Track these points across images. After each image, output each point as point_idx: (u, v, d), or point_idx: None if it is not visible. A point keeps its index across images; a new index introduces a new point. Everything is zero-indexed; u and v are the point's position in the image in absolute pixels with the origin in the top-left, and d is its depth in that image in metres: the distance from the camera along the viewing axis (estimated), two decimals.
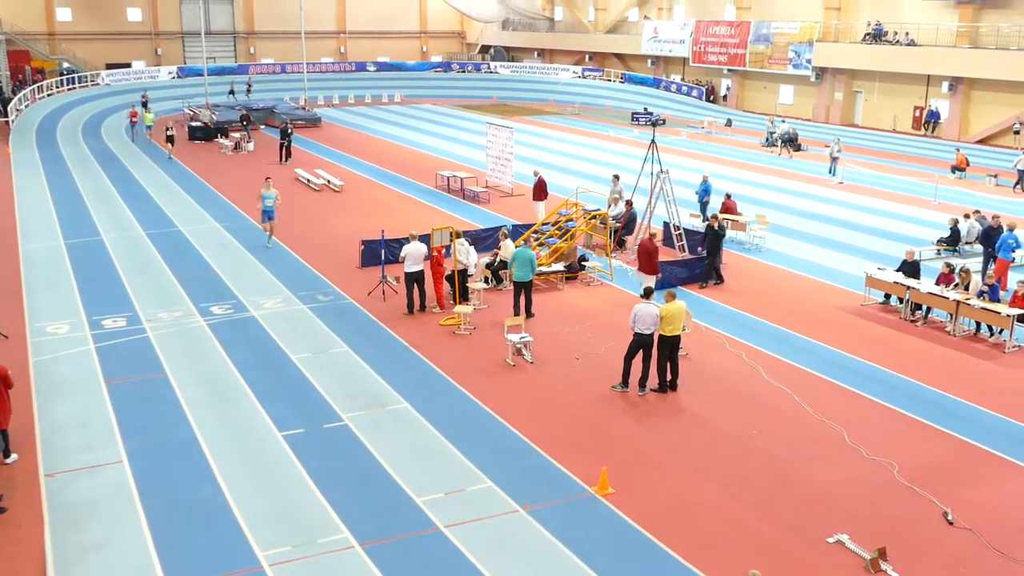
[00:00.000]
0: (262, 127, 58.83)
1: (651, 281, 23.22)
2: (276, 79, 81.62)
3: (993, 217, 26.76)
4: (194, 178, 40.83)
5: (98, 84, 74.27)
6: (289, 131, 46.61)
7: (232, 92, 69.49)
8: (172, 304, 23.12)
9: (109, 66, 79.60)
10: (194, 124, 55.31)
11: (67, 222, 32.22)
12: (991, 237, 25.62)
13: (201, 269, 26.34)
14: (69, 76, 73.59)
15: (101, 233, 30.62)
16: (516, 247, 23.49)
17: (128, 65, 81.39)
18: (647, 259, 23.50)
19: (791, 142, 52.84)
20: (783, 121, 57.22)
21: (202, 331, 21.21)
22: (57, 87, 70.78)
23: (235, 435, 15.97)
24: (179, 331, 21.16)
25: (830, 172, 42.51)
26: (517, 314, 21.79)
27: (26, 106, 63.38)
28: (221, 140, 52.60)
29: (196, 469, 14.75)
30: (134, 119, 54.45)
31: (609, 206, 30.19)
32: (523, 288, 22.18)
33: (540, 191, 32.13)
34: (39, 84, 69.50)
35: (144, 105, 63.76)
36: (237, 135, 51.77)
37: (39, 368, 18.92)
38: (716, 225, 25.47)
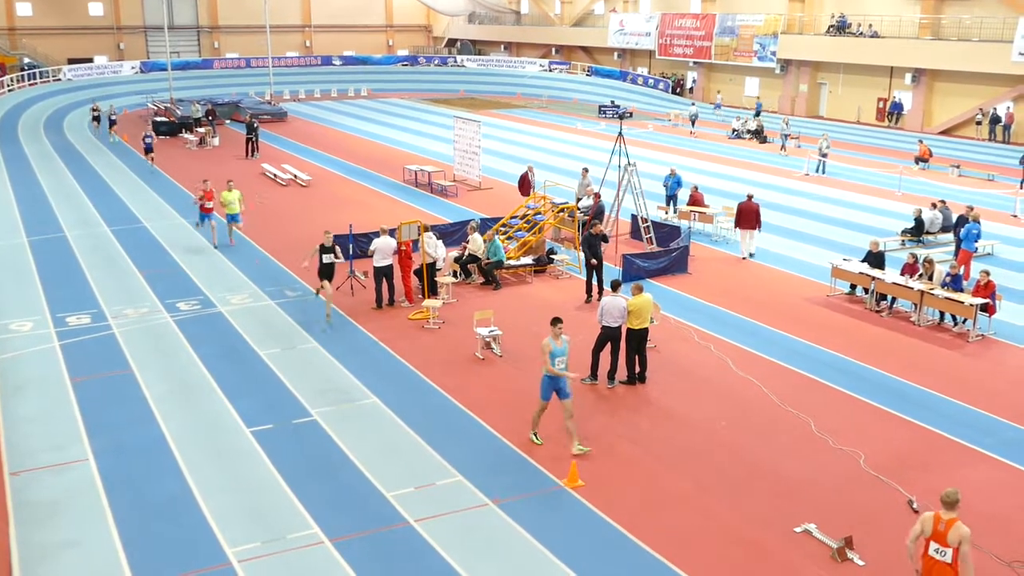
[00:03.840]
0: (227, 122, 58.42)
1: (750, 237, 27.36)
2: (241, 73, 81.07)
3: (968, 208, 27.00)
4: (159, 173, 40.48)
5: (60, 79, 73.46)
6: (255, 126, 46.34)
7: (96, 117, 55.61)
8: (138, 300, 22.93)
9: (71, 61, 78.79)
10: (158, 119, 54.80)
11: (30, 219, 31.86)
12: (962, 227, 25.83)
13: (167, 265, 26.14)
14: (30, 71, 72.77)
15: (64, 230, 30.30)
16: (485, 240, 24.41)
17: (90, 60, 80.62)
18: (754, 217, 26.94)
19: (757, 133, 53.32)
20: (692, 104, 63.13)
21: (168, 327, 21.05)
22: (18, 83, 69.95)
23: (203, 431, 15.87)
24: (145, 327, 20.99)
25: (818, 170, 42.52)
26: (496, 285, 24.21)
27: None
28: (186, 135, 52.20)
29: (163, 466, 14.64)
30: (207, 202, 28.43)
31: (579, 200, 30.26)
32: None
33: (524, 186, 32.24)
34: None
35: (216, 121, 53.16)
36: (202, 130, 51.38)
37: (2, 366, 18.70)
38: (598, 232, 23.14)
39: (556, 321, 15.35)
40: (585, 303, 23.06)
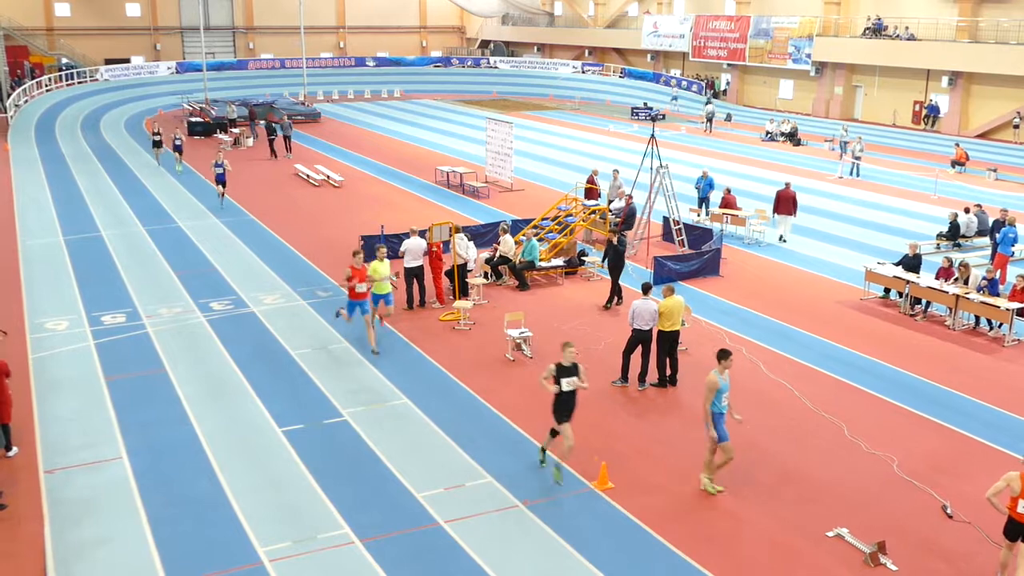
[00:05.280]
0: (261, 123, 58.70)
1: (787, 222, 29.45)
2: (276, 74, 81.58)
3: (1001, 211, 26.75)
4: (193, 173, 40.77)
5: (97, 80, 74.21)
6: (274, 127, 46.47)
7: (158, 142, 43.89)
8: (171, 300, 23.11)
9: (108, 61, 79.58)
10: (193, 119, 55.21)
11: (66, 218, 32.20)
12: (998, 231, 25.59)
13: (200, 265, 26.33)
14: (67, 71, 73.54)
15: (100, 229, 30.60)
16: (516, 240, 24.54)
17: (127, 60, 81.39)
18: (791, 203, 29.24)
19: (791, 136, 53.03)
20: (708, 102, 64.00)
21: (201, 327, 21.21)
22: (56, 82, 70.71)
23: (235, 431, 15.97)
24: (179, 327, 21.16)
25: (852, 172, 42.22)
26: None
27: (25, 102, 63.32)
28: (220, 136, 52.54)
29: (196, 465, 14.75)
30: (360, 284, 19.51)
31: (610, 201, 30.21)
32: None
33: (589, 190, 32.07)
34: (38, 80, 69.44)
35: None
36: (237, 130, 51.67)
37: (38, 364, 18.91)
38: (616, 240, 22.84)
39: (726, 354, 13.97)
40: (604, 308, 22.92)
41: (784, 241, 29.43)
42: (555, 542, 12.67)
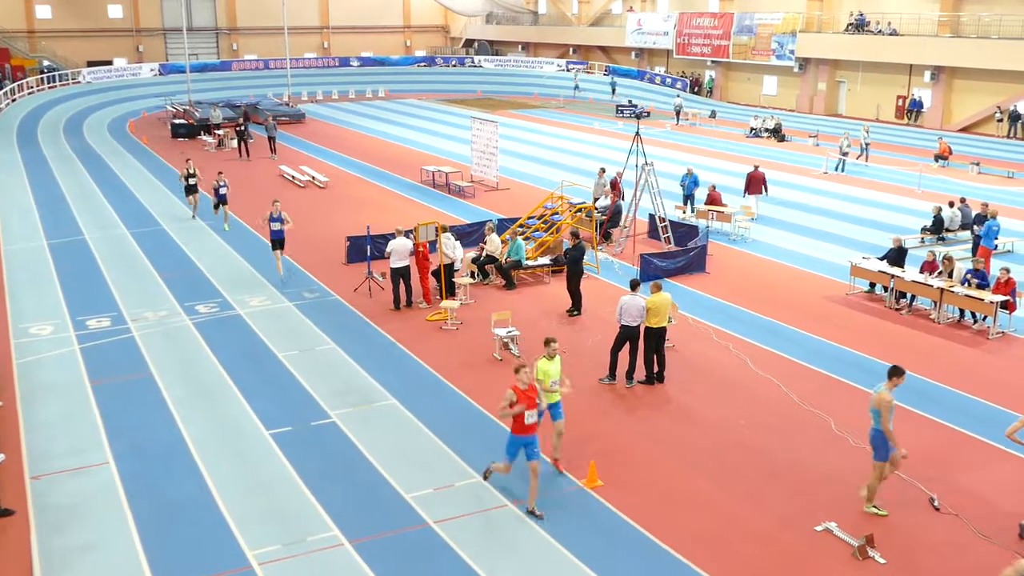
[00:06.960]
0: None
1: (754, 200, 32.32)
2: (259, 75, 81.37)
3: (983, 205, 26.87)
4: (177, 175, 40.57)
5: (79, 82, 73.87)
6: (242, 131, 46.77)
7: (192, 186, 32.70)
8: (157, 303, 23.01)
9: (90, 63, 79.23)
10: (177, 121, 54.97)
11: (49, 222, 32.03)
12: (982, 224, 25.70)
13: (186, 267, 26.22)
14: (49, 74, 73.16)
15: (84, 232, 30.45)
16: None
17: (109, 62, 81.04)
18: (760, 183, 32.31)
19: (775, 132, 53.16)
20: (677, 96, 65.91)
21: (187, 330, 21.12)
22: (38, 85, 70.34)
23: (222, 434, 15.91)
24: (164, 330, 21.07)
25: (837, 168, 42.34)
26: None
27: (6, 105, 62.99)
28: (204, 137, 52.36)
29: (183, 469, 14.68)
30: (532, 413, 12.97)
31: (596, 199, 30.22)
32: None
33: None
34: (19, 82, 69.07)
35: None
36: (221, 132, 51.50)
37: (23, 370, 18.80)
38: (574, 244, 21.88)
39: (899, 371, 13.21)
40: (567, 314, 22.37)
41: (754, 219, 31.13)
42: (545, 541, 12.66)
